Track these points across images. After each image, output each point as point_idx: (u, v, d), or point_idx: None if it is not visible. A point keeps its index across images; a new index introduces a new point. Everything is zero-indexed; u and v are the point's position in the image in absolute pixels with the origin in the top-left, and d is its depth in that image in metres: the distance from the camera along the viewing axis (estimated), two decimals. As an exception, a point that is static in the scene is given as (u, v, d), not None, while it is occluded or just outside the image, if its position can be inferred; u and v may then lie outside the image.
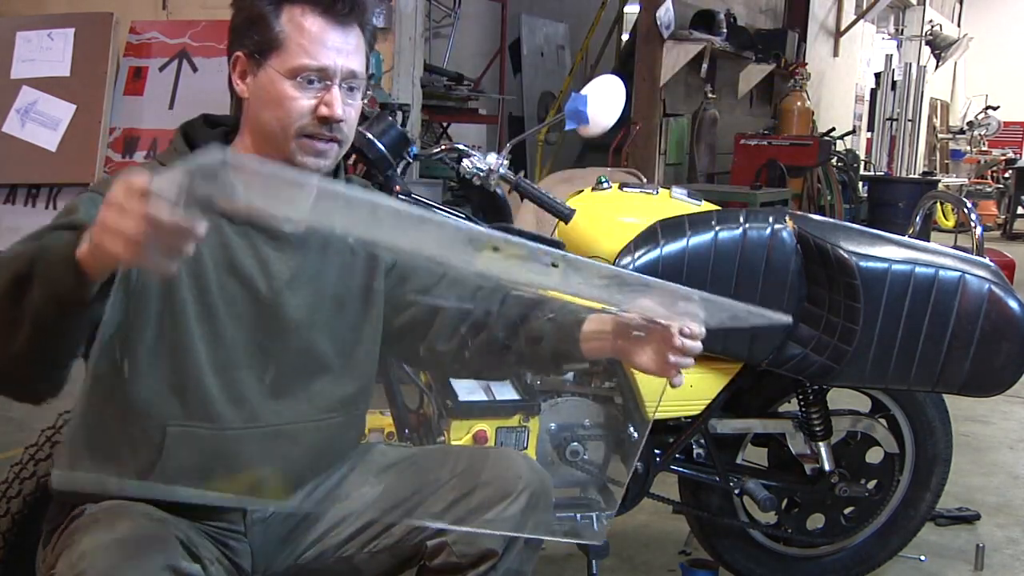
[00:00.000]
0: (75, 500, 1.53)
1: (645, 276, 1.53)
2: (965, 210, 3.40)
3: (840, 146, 9.41)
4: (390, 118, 2.17)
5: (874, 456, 2.50)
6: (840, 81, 11.66)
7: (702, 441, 2.35)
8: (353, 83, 1.53)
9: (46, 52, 5.10)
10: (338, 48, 1.50)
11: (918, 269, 2.10)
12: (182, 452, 1.47)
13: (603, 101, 2.20)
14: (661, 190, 2.41)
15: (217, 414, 1.50)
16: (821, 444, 2.39)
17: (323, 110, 1.49)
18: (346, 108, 1.52)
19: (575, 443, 2.28)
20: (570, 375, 2.31)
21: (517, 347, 1.70)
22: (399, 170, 2.18)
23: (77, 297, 1.22)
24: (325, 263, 1.60)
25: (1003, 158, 14.39)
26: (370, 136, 2.11)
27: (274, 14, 1.49)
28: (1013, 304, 2.11)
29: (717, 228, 2.17)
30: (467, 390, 2.19)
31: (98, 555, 1.31)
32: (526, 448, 2.15)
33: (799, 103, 8.46)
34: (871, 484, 2.48)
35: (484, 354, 1.73)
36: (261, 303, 1.53)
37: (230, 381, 1.51)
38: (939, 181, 10.36)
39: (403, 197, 2.17)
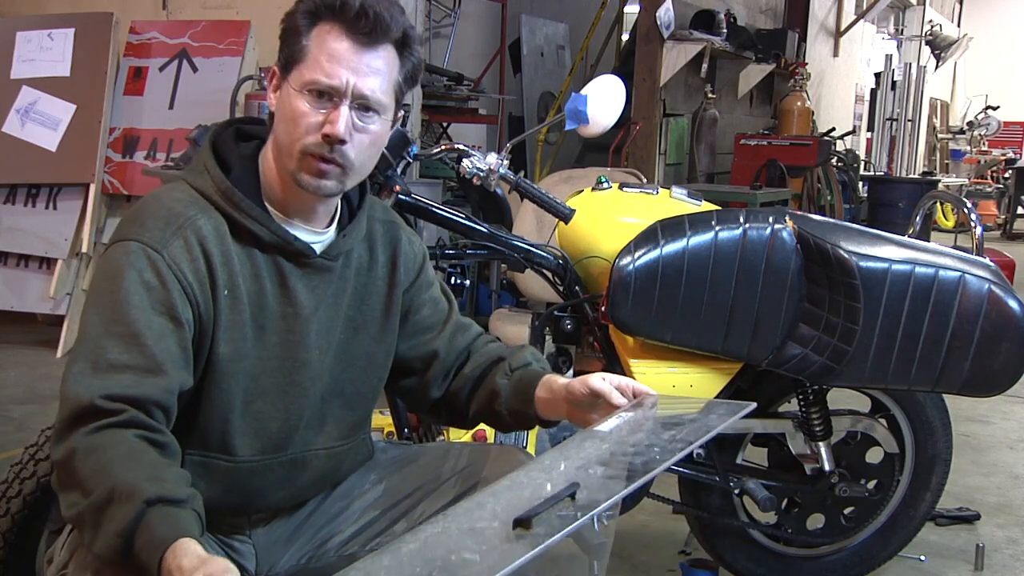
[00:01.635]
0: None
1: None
2: (965, 210, 3.40)
3: (840, 146, 9.41)
4: (390, 118, 2.17)
5: (874, 456, 2.50)
6: (840, 81, 11.66)
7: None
8: (367, 105, 1.47)
9: (46, 52, 5.10)
10: (354, 67, 1.46)
11: (918, 269, 2.10)
12: (197, 479, 1.43)
13: (603, 101, 2.20)
14: (661, 190, 2.41)
15: (237, 447, 1.50)
16: (821, 444, 2.39)
17: (326, 128, 1.45)
18: (354, 132, 1.46)
19: (575, 443, 2.28)
20: (569, 374, 2.31)
21: (478, 402, 1.72)
22: (399, 170, 2.18)
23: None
24: (346, 292, 1.59)
25: (1003, 158, 14.39)
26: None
27: (306, 28, 1.47)
28: (1013, 304, 2.11)
29: (717, 228, 2.17)
30: (467, 390, 2.19)
31: None
32: (525, 447, 2.15)
33: (799, 103, 8.45)
34: (871, 484, 2.48)
35: (452, 406, 1.75)
36: (289, 336, 1.52)
37: (254, 416, 1.51)
38: (939, 181, 10.36)
39: (403, 197, 2.18)
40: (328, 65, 1.45)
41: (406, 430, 2.25)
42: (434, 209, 2.24)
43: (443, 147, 2.37)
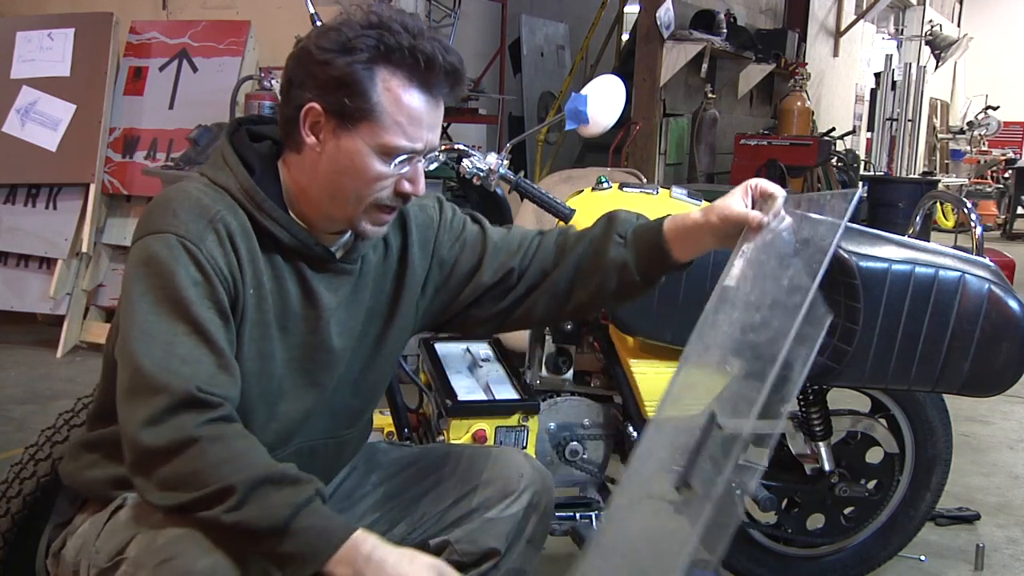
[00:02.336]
0: (87, 493, 1.53)
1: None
2: (965, 210, 3.40)
3: (840, 146, 9.41)
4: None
5: (874, 456, 2.50)
6: (840, 81, 11.66)
7: (702, 441, 2.35)
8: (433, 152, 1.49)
9: (46, 52, 5.10)
10: (431, 125, 1.45)
11: (918, 269, 2.10)
12: None
13: (603, 101, 2.20)
14: (661, 190, 2.41)
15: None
16: (821, 444, 2.39)
17: (406, 186, 1.45)
18: None
19: (575, 443, 2.28)
20: (569, 374, 2.31)
21: (587, 289, 1.68)
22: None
23: None
24: (363, 286, 1.59)
25: (1003, 158, 14.38)
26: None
27: (369, 79, 1.40)
28: (1013, 304, 2.11)
29: (717, 228, 2.16)
30: (467, 389, 2.19)
31: (189, 541, 1.30)
32: (525, 447, 2.15)
33: (799, 103, 8.45)
34: (871, 484, 2.48)
35: (569, 298, 1.70)
36: (312, 338, 1.52)
37: (272, 410, 1.51)
38: (939, 181, 10.35)
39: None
40: (412, 129, 1.42)
41: (406, 430, 2.25)
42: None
43: (443, 147, 2.37)
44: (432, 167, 1.51)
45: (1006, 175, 13.45)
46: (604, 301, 1.69)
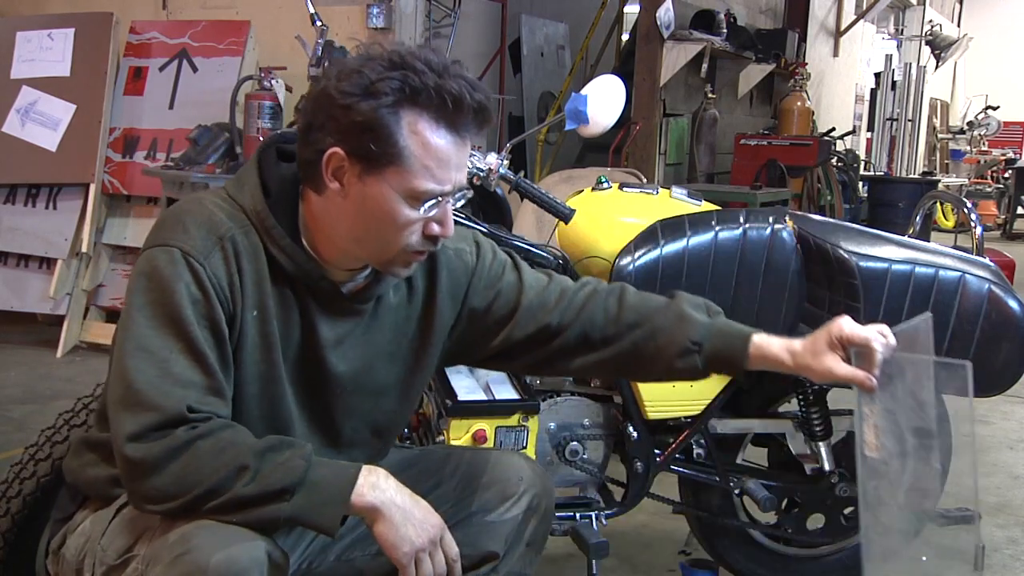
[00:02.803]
0: (88, 490, 1.53)
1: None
2: (965, 210, 3.40)
3: (840, 146, 9.40)
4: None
5: (874, 456, 2.50)
6: (840, 81, 11.65)
7: (702, 441, 2.35)
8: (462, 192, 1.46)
9: (46, 52, 5.10)
10: (459, 165, 1.41)
11: (918, 269, 2.10)
12: None
13: (603, 101, 2.20)
14: (661, 190, 2.41)
15: None
16: (821, 444, 2.39)
17: (435, 228, 1.43)
18: None
19: (574, 443, 2.28)
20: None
21: (665, 375, 1.68)
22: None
23: (332, 530, 1.36)
24: (376, 328, 1.57)
25: (1003, 158, 14.38)
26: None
27: (395, 123, 1.36)
28: (1013, 304, 2.11)
29: (717, 228, 2.17)
30: (466, 389, 2.19)
31: (203, 535, 1.30)
32: (525, 447, 2.15)
33: (799, 103, 8.44)
34: (871, 484, 2.48)
35: (616, 370, 1.71)
36: (312, 368, 1.51)
37: (279, 432, 1.48)
38: (939, 181, 10.35)
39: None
40: (440, 172, 1.39)
41: (406, 430, 2.25)
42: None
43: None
44: (459, 204, 1.48)
45: (1006, 175, 13.46)
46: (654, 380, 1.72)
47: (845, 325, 1.54)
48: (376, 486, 1.39)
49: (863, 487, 1.47)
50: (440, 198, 1.42)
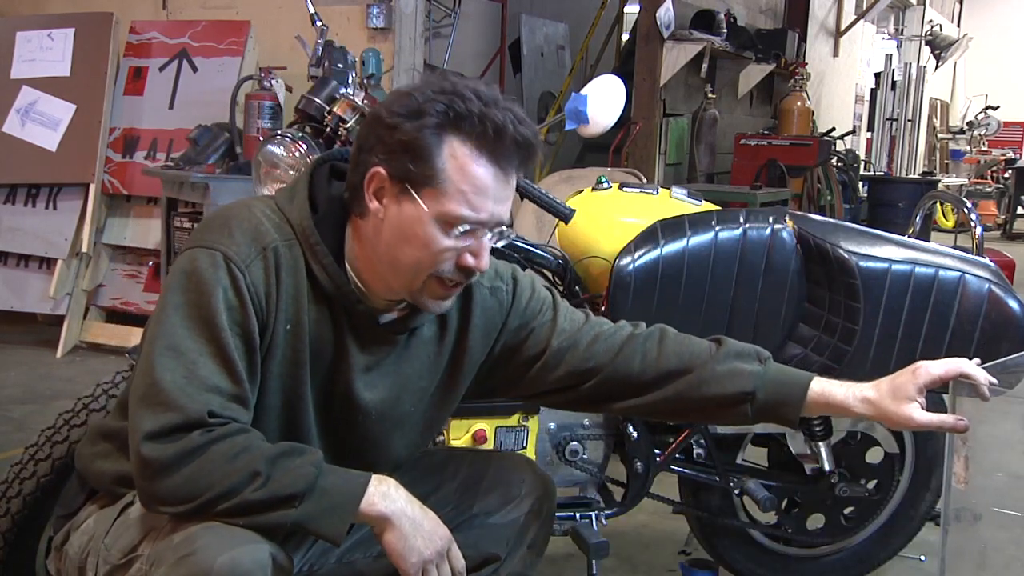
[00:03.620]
0: (95, 483, 1.53)
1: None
2: (965, 210, 3.40)
3: (840, 146, 9.40)
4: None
5: (874, 456, 2.50)
6: (840, 81, 11.65)
7: (702, 441, 2.35)
8: (501, 228, 1.43)
9: (46, 52, 5.10)
10: (499, 198, 1.40)
11: (918, 269, 2.10)
12: None
13: (603, 101, 2.20)
14: (661, 190, 2.41)
15: None
16: (821, 444, 2.38)
17: (468, 260, 1.41)
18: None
19: (574, 443, 2.28)
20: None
21: (713, 419, 1.70)
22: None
23: (337, 539, 1.37)
24: (406, 359, 1.55)
25: (1003, 158, 14.39)
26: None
27: (436, 145, 1.36)
28: (1013, 304, 2.11)
29: (717, 228, 2.17)
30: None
31: (207, 537, 1.30)
32: (525, 447, 2.15)
33: (799, 103, 8.45)
34: (871, 484, 2.48)
35: (654, 411, 1.69)
36: (336, 388, 1.50)
37: None
38: (939, 181, 10.35)
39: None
40: (476, 199, 1.37)
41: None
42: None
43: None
44: (500, 244, 1.45)
45: (1006, 175, 13.47)
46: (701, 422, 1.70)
47: (932, 368, 1.55)
48: (387, 495, 1.39)
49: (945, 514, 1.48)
50: (475, 227, 1.40)
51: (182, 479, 1.31)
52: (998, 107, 15.26)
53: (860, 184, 9.63)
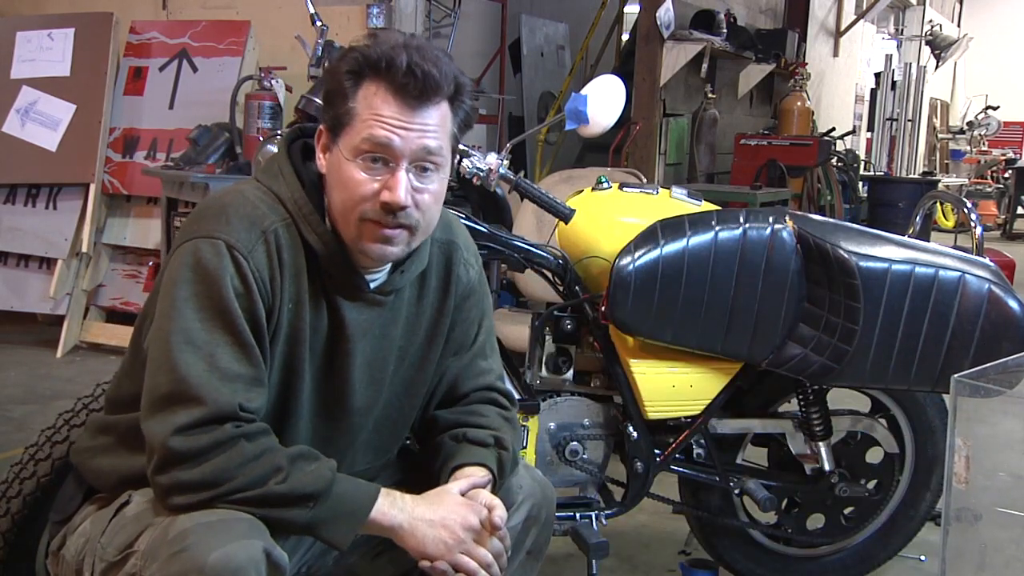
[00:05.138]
0: (92, 480, 1.54)
1: None
2: (965, 210, 3.40)
3: (840, 146, 9.40)
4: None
5: (874, 456, 2.50)
6: (840, 81, 11.65)
7: (702, 441, 2.35)
8: (427, 163, 1.45)
9: (46, 52, 5.10)
10: (406, 126, 1.42)
11: (918, 269, 2.10)
12: None
13: (603, 101, 2.20)
14: (661, 190, 2.41)
15: None
16: (821, 444, 2.39)
17: (384, 195, 1.42)
18: (417, 194, 1.44)
19: (574, 443, 2.28)
20: (569, 374, 2.31)
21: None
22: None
23: (343, 544, 1.41)
24: (393, 322, 1.58)
25: (1003, 158, 14.38)
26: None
27: (352, 89, 1.43)
28: (1013, 304, 2.11)
29: (717, 228, 2.17)
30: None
31: (201, 533, 1.30)
32: (525, 447, 2.15)
33: (799, 103, 8.44)
34: (871, 484, 2.48)
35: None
36: (336, 362, 1.52)
37: (283, 425, 1.50)
38: (939, 181, 10.35)
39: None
40: (379, 129, 1.41)
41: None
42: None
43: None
44: (432, 186, 1.47)
45: (1006, 175, 13.46)
46: None
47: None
48: (394, 504, 1.44)
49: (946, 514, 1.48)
50: (384, 157, 1.42)
51: (210, 467, 1.33)
52: (998, 107, 15.25)
53: (860, 184, 9.63)
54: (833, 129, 9.26)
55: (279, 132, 2.40)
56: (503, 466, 1.61)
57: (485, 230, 2.24)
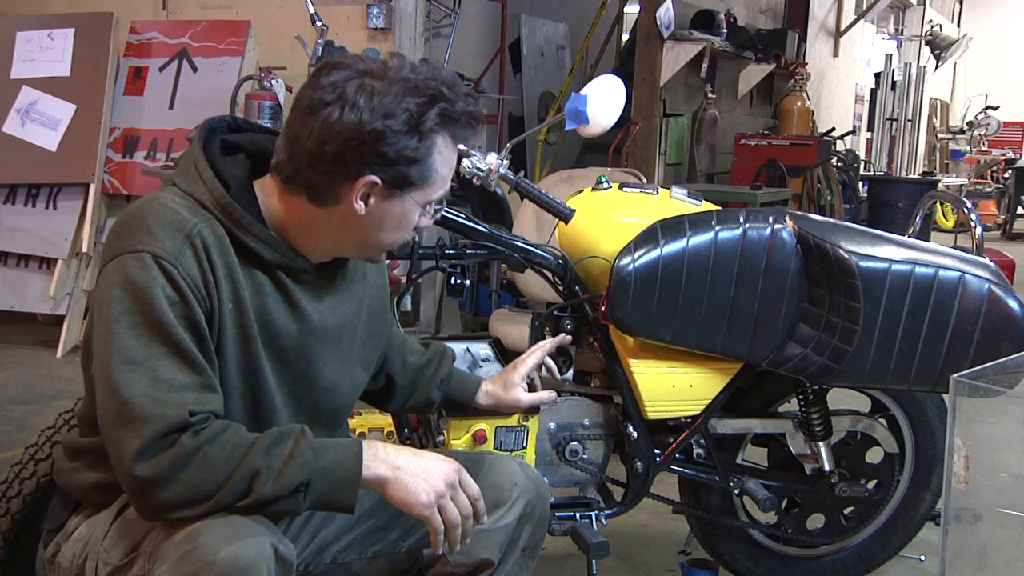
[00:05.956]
0: (78, 495, 1.53)
1: None
2: (965, 210, 3.40)
3: (840, 146, 9.41)
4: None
5: (874, 456, 2.50)
6: (840, 81, 11.66)
7: (702, 441, 2.35)
8: None
9: (46, 52, 5.10)
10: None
11: (918, 269, 2.10)
12: None
13: (603, 101, 2.19)
14: (661, 190, 2.40)
15: None
16: (821, 444, 2.39)
17: (423, 221, 1.52)
18: None
19: (574, 443, 2.28)
20: (569, 374, 2.31)
21: (412, 404, 1.91)
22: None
23: (350, 510, 1.41)
24: (347, 300, 1.60)
25: (1003, 158, 14.39)
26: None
27: (431, 148, 1.44)
28: (1013, 304, 2.11)
29: (717, 228, 2.16)
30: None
31: (209, 531, 1.30)
32: (525, 447, 2.15)
33: (799, 103, 8.44)
34: (871, 484, 2.48)
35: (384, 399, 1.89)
36: (302, 351, 1.53)
37: (262, 425, 1.49)
38: (939, 181, 10.35)
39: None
40: (448, 178, 1.50)
41: (406, 430, 2.25)
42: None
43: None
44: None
45: (1006, 175, 13.46)
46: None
47: (527, 360, 1.95)
48: (377, 456, 1.43)
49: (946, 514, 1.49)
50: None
51: (183, 486, 1.30)
52: (998, 107, 15.26)
53: (860, 184, 9.64)
54: (833, 129, 9.27)
55: (209, 120, 2.39)
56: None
57: (485, 230, 2.24)
